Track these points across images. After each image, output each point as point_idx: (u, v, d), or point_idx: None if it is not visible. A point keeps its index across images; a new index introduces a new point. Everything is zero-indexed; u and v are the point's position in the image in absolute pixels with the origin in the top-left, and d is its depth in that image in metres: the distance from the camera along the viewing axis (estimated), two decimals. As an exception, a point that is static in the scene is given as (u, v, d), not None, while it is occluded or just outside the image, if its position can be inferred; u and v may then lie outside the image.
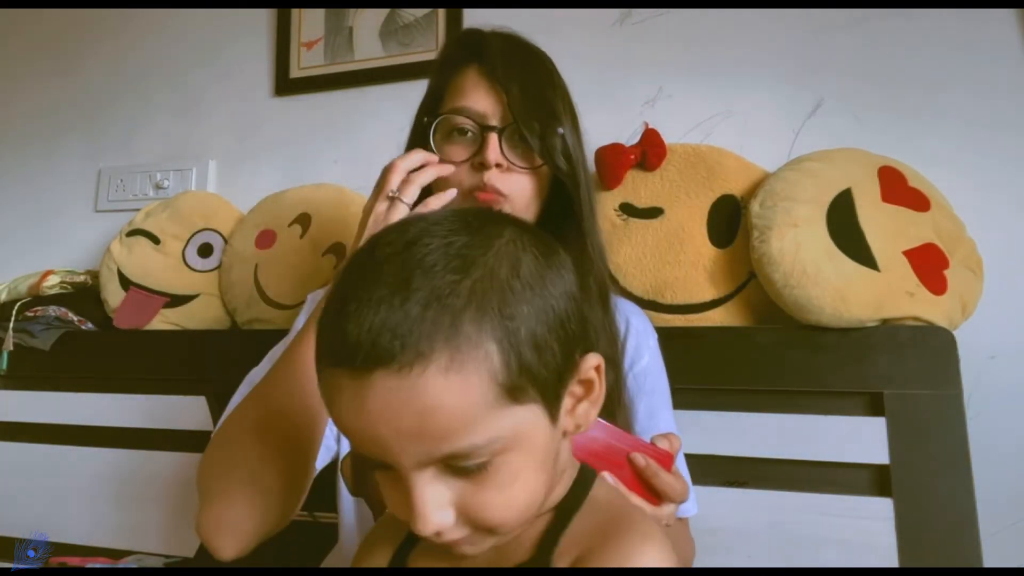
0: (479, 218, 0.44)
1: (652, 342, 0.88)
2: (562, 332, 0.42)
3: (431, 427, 0.38)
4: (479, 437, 0.39)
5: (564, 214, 0.83)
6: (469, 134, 0.79)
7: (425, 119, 0.82)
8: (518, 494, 0.41)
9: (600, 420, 0.58)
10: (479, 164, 0.78)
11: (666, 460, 0.60)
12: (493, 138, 0.77)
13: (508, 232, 0.43)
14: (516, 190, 0.79)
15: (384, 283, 0.39)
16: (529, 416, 0.41)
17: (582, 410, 0.45)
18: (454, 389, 0.37)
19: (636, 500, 0.58)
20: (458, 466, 0.40)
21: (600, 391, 0.45)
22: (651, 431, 0.70)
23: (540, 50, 0.85)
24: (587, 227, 0.82)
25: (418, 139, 0.83)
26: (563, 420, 0.44)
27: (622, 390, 0.80)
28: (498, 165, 0.77)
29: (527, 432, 0.41)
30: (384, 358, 0.37)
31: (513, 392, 0.39)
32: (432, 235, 0.41)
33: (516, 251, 0.42)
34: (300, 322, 0.83)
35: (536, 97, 0.79)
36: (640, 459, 0.59)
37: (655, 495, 0.59)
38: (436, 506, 0.40)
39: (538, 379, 0.40)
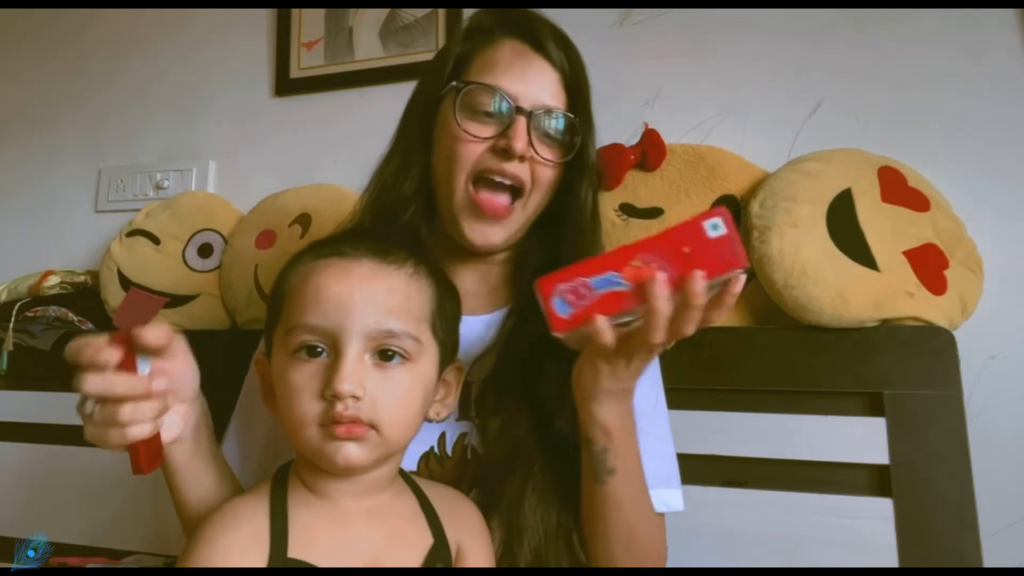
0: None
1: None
2: (447, 326, 0.61)
3: (387, 302, 0.55)
4: (407, 326, 0.55)
5: (561, 217, 0.77)
6: (496, 116, 0.70)
7: (454, 83, 0.72)
8: (405, 402, 0.55)
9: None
10: (502, 150, 0.70)
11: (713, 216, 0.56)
12: (522, 123, 0.69)
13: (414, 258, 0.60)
14: (540, 183, 0.73)
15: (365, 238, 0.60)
16: (431, 348, 0.58)
17: (439, 406, 0.62)
18: (411, 289, 0.57)
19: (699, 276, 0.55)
20: (383, 350, 0.54)
21: (453, 399, 0.63)
22: (647, 452, 0.67)
23: None
24: (588, 232, 0.76)
25: (424, 109, 0.75)
26: (433, 399, 0.60)
27: None
28: (521, 158, 0.70)
29: (424, 357, 0.57)
30: (377, 253, 0.57)
31: (432, 325, 0.58)
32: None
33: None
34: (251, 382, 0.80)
35: (582, 87, 0.74)
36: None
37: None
38: (357, 374, 0.52)
39: (438, 333, 0.59)
